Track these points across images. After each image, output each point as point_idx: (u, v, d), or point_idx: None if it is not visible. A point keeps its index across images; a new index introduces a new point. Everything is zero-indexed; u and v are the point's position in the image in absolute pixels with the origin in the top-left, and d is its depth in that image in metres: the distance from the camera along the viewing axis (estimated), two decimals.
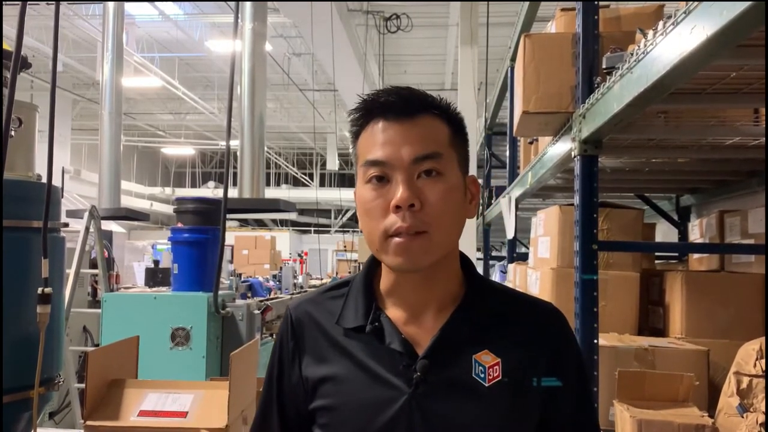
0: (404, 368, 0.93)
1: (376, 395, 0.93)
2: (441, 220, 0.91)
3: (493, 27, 6.55)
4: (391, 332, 0.95)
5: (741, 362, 2.21)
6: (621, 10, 2.71)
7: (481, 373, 0.93)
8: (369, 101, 0.97)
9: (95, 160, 11.00)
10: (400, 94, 0.95)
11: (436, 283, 0.97)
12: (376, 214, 0.92)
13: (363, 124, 0.97)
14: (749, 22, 1.16)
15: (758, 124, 2.40)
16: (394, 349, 0.94)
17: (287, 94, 15.22)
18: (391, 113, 0.94)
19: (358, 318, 0.98)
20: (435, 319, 0.96)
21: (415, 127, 0.93)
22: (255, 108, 5.35)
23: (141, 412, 1.97)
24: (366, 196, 0.94)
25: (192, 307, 3.60)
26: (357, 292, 1.01)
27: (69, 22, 10.27)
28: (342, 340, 0.98)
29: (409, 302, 0.98)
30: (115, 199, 6.44)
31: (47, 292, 1.97)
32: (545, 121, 2.71)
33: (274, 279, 8.48)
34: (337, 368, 0.97)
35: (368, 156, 0.94)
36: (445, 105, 0.98)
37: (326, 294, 1.05)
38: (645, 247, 3.46)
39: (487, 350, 0.94)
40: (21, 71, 1.92)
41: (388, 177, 0.92)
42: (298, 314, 1.04)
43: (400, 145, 0.92)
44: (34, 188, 2.21)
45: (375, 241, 0.93)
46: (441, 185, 0.92)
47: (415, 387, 0.92)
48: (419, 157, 0.91)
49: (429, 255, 0.91)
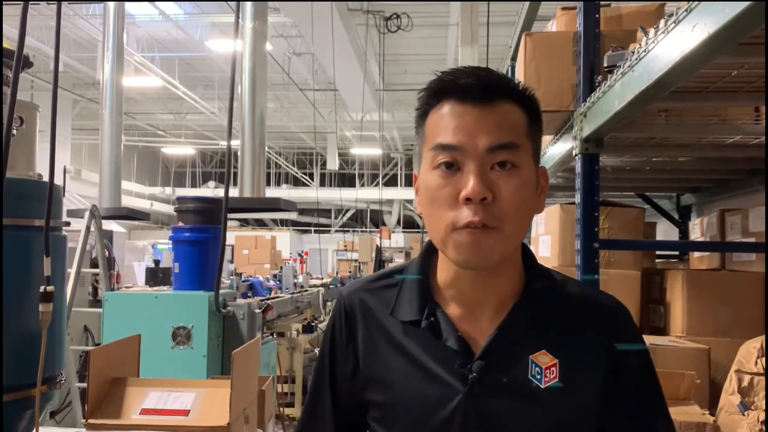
0: (459, 367, 0.90)
1: (431, 393, 0.90)
2: (513, 216, 0.85)
3: (493, 26, 6.55)
4: (448, 329, 0.92)
5: (742, 360, 2.21)
6: (622, 9, 2.71)
7: (538, 375, 0.89)
8: (446, 81, 0.89)
9: (96, 159, 11.01)
10: (480, 76, 0.88)
11: (497, 279, 0.92)
12: (443, 203, 0.86)
13: (434, 103, 0.90)
14: (750, 20, 1.16)
15: (759, 122, 2.41)
16: (449, 347, 0.91)
17: (287, 94, 15.22)
18: (468, 96, 0.87)
19: (413, 312, 0.94)
20: (493, 317, 0.92)
21: (493, 114, 0.86)
22: (255, 107, 5.35)
23: (143, 410, 1.98)
24: (433, 183, 0.87)
25: (193, 306, 3.60)
26: (412, 284, 0.97)
27: (69, 22, 10.27)
28: (396, 333, 0.95)
29: (467, 298, 0.93)
30: (116, 199, 6.44)
31: (49, 291, 1.97)
32: (546, 120, 2.68)
33: (275, 278, 8.48)
34: (391, 362, 0.94)
35: (439, 139, 0.87)
36: (524, 91, 0.91)
37: (379, 282, 1.01)
38: (646, 246, 3.46)
39: (545, 351, 0.90)
40: (23, 70, 1.92)
41: (459, 164, 0.86)
42: (352, 301, 1.00)
43: (475, 131, 0.85)
44: (36, 187, 2.21)
45: (440, 232, 0.87)
46: (515, 179, 0.86)
47: (470, 387, 0.89)
48: (495, 146, 0.85)
49: (498, 252, 0.86)
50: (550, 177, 3.41)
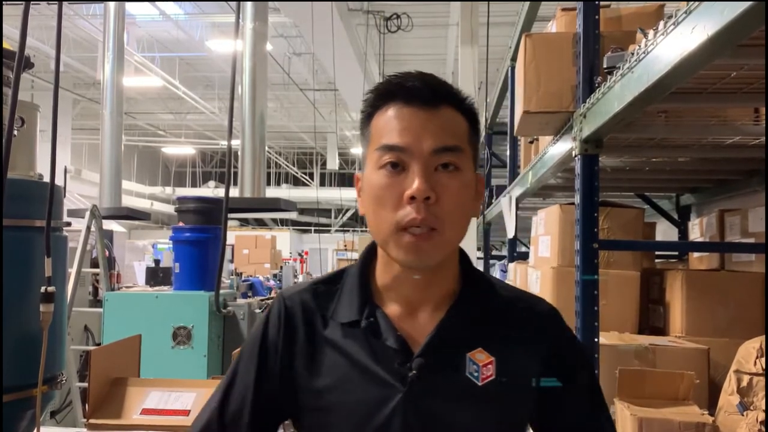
0: (399, 366, 0.91)
1: (371, 394, 0.91)
2: (454, 217, 0.88)
3: (493, 27, 6.55)
4: (387, 328, 0.92)
5: (741, 360, 2.22)
6: (621, 10, 2.71)
7: (475, 372, 0.91)
8: (393, 83, 0.92)
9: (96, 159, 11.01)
10: (426, 80, 0.91)
11: (436, 280, 0.94)
12: (387, 203, 0.88)
13: (380, 105, 0.92)
14: (750, 21, 1.16)
15: (758, 123, 2.41)
16: (389, 346, 0.91)
17: (288, 94, 15.22)
18: (414, 99, 0.89)
19: (352, 312, 0.95)
20: (431, 317, 0.94)
21: (438, 117, 0.89)
22: (256, 107, 5.36)
23: (143, 410, 1.98)
24: (378, 182, 0.89)
25: (193, 306, 3.61)
26: (352, 286, 0.98)
27: (70, 22, 10.28)
28: (335, 336, 0.95)
29: (406, 298, 0.95)
30: (116, 199, 6.45)
31: (50, 291, 1.97)
32: (546, 121, 2.71)
33: (275, 278, 8.50)
34: (330, 365, 0.94)
35: (385, 140, 0.89)
36: (465, 98, 0.94)
37: (320, 285, 1.01)
38: (645, 246, 3.46)
39: (482, 348, 0.92)
40: (24, 71, 1.92)
41: (404, 165, 0.88)
42: (291, 304, 0.99)
43: (421, 133, 0.88)
44: (37, 187, 2.22)
45: (383, 231, 0.89)
46: (457, 181, 0.89)
47: (410, 386, 0.90)
48: (440, 148, 0.88)
49: (439, 252, 0.89)
50: (550, 177, 3.41)
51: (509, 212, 4.52)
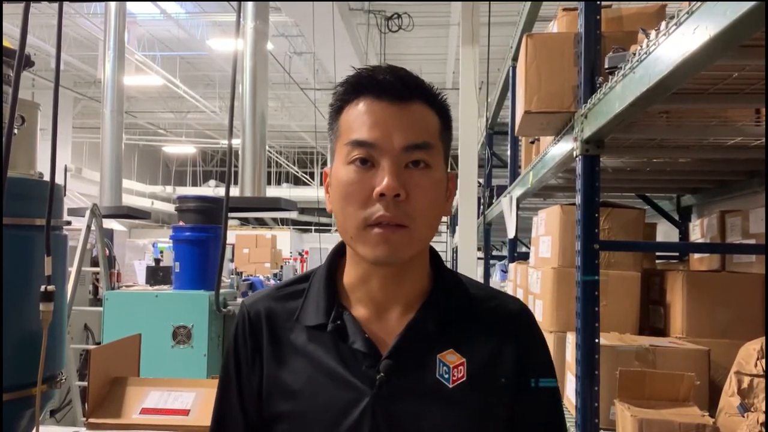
0: (367, 369, 0.88)
1: (339, 398, 0.88)
2: (424, 215, 0.87)
3: (494, 27, 6.55)
4: (354, 331, 0.90)
5: (742, 362, 2.21)
6: (623, 10, 2.71)
7: (446, 374, 0.89)
8: (364, 76, 0.89)
9: (96, 158, 11.01)
10: (398, 74, 0.88)
11: (405, 279, 0.92)
12: (356, 199, 0.86)
13: (350, 99, 0.90)
14: (752, 22, 1.16)
15: (759, 124, 2.40)
16: (356, 349, 0.89)
17: (288, 93, 15.22)
18: (385, 94, 0.87)
19: (319, 316, 0.92)
20: (400, 318, 0.92)
21: (409, 113, 0.87)
22: (256, 107, 5.36)
23: (143, 409, 1.98)
24: (346, 177, 0.87)
25: (193, 305, 3.61)
26: (318, 288, 0.95)
27: (71, 21, 10.29)
28: (302, 340, 0.92)
29: (374, 299, 0.92)
30: (117, 198, 6.45)
31: (50, 290, 1.97)
32: (547, 121, 2.71)
33: (275, 278, 8.50)
34: (297, 371, 0.91)
35: (355, 135, 0.87)
36: (437, 94, 0.92)
37: (285, 289, 0.99)
38: (646, 247, 3.46)
39: (453, 350, 0.90)
40: (24, 69, 1.92)
41: (374, 161, 0.86)
42: (255, 312, 0.97)
43: (391, 129, 0.86)
44: (37, 186, 2.22)
45: (351, 228, 0.87)
46: (428, 179, 0.87)
47: (378, 389, 0.87)
48: (411, 145, 0.86)
49: (408, 249, 0.87)
50: (551, 178, 3.41)
51: (510, 212, 4.52)
